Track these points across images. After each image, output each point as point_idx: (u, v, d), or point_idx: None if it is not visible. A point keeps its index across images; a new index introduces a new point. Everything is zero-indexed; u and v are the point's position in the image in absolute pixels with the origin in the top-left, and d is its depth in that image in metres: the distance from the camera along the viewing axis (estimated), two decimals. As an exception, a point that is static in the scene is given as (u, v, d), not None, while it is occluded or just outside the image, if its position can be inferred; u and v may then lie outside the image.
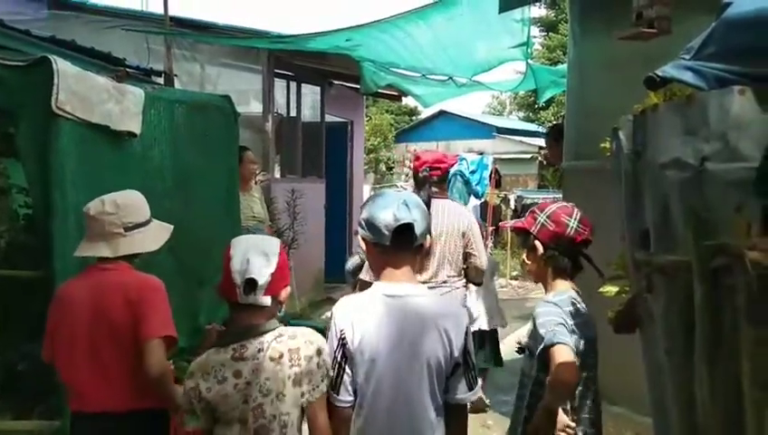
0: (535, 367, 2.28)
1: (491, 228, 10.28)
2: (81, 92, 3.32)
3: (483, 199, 11.03)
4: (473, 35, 6.19)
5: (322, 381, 2.04)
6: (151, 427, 2.45)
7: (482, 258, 3.83)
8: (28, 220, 3.60)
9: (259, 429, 2.00)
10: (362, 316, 2.01)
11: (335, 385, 2.01)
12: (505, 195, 12.80)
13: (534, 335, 2.27)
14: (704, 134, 1.34)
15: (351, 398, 2.01)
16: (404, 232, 2.01)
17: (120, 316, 2.36)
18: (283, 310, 2.20)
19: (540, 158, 20.66)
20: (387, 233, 2.00)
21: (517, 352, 2.66)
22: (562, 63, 11.97)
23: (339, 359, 2.01)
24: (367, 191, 11.39)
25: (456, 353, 2.03)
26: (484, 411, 5.09)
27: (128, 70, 4.90)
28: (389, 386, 1.99)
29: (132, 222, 2.51)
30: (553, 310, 2.23)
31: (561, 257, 2.34)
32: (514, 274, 11.46)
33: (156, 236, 2.62)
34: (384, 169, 23.83)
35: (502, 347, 5.43)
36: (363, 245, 2.13)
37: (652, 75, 1.60)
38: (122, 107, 3.63)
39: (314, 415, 2.04)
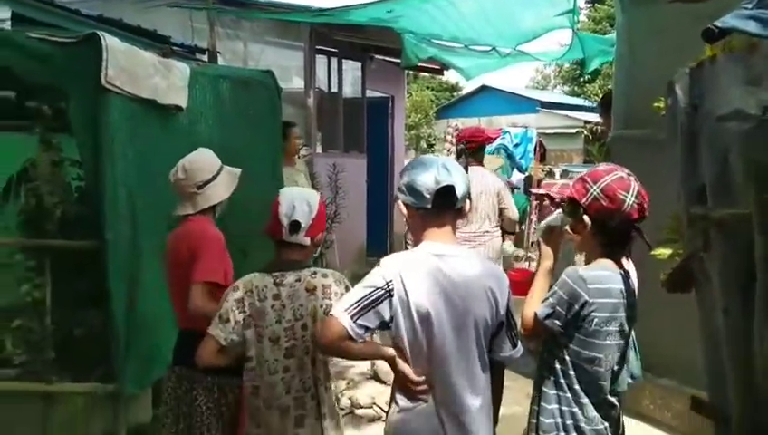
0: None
1: (535, 202, 10.12)
2: (129, 68, 3.37)
3: (527, 173, 10.88)
4: (517, 3, 6.04)
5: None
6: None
7: (513, 210, 4.62)
8: (81, 193, 3.69)
9: (291, 348, 2.34)
10: (412, 273, 2.01)
11: (355, 313, 1.98)
12: (550, 169, 12.56)
13: None
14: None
15: (364, 332, 2.00)
16: (445, 194, 2.02)
17: (182, 257, 2.74)
18: (328, 246, 2.45)
19: (585, 132, 20.20)
20: (428, 196, 2.02)
21: None
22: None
23: (376, 299, 1.98)
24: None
25: (502, 312, 2.07)
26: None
27: (173, 47, 4.97)
28: (444, 343, 2.00)
29: (202, 180, 2.84)
30: (570, 285, 2.08)
31: (612, 234, 2.11)
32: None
33: (226, 184, 2.95)
34: (425, 145, 23.67)
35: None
36: (404, 210, 2.12)
37: (711, 27, 1.53)
38: (169, 82, 3.68)
39: (320, 326, 2.23)
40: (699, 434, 3.45)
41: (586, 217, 2.12)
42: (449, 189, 2.01)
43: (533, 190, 2.22)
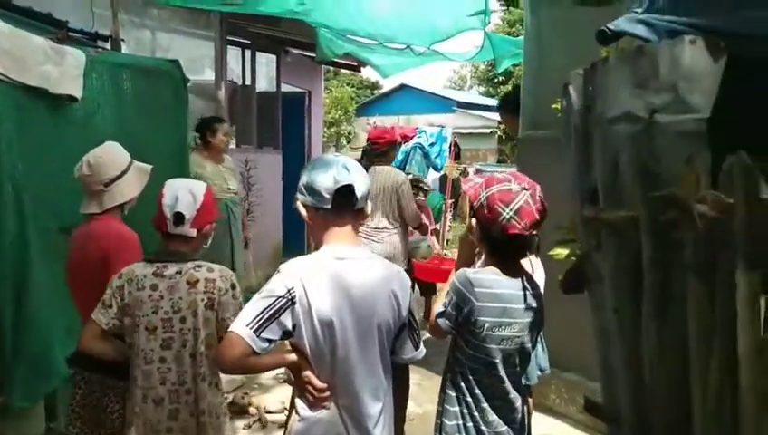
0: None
1: (450, 201, 10.27)
2: (15, 52, 3.14)
3: (442, 172, 11.02)
4: (431, 3, 6.08)
5: (234, 315, 2.22)
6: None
7: (408, 206, 4.57)
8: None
9: (167, 340, 2.36)
10: (314, 278, 1.95)
11: (257, 327, 1.89)
12: (465, 168, 12.81)
13: None
14: (654, 86, 1.30)
15: (268, 345, 1.92)
16: (345, 193, 1.99)
17: (92, 258, 2.62)
18: (208, 242, 2.56)
19: (499, 132, 20.77)
20: (327, 196, 1.98)
21: None
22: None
23: (278, 309, 1.90)
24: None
25: (404, 314, 2.05)
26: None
27: (69, 33, 4.66)
28: (348, 349, 1.97)
29: (108, 177, 2.71)
30: (459, 288, 2.09)
31: (495, 242, 2.10)
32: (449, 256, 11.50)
33: (135, 182, 2.81)
34: (345, 142, 23.63)
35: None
36: (304, 211, 2.06)
37: (604, 29, 1.56)
38: (62, 69, 3.46)
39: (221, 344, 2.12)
40: (604, 428, 3.57)
41: (473, 221, 2.16)
42: (349, 189, 1.98)
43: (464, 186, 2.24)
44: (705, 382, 1.17)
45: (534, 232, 2.05)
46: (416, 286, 5.86)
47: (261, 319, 1.88)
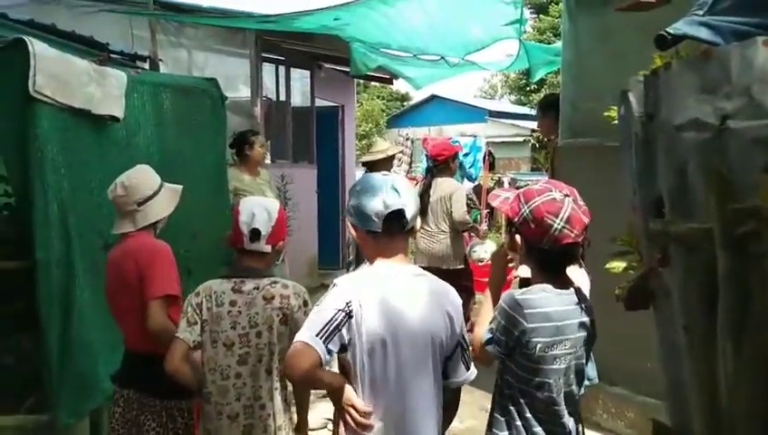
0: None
1: (485, 211, 10.16)
2: (61, 76, 3.19)
3: (476, 182, 10.92)
4: (465, 14, 6.04)
5: None
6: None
7: (457, 211, 5.28)
8: (10, 210, 3.46)
9: (244, 355, 2.39)
10: (369, 292, 1.94)
11: (325, 337, 1.88)
12: (499, 177, 12.66)
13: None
14: (725, 91, 1.23)
15: (330, 358, 1.92)
16: (395, 218, 1.97)
17: (130, 276, 2.66)
18: (281, 258, 2.69)
19: (532, 141, 20.56)
20: (377, 220, 1.96)
21: None
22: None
23: (340, 322, 1.89)
24: (359, 177, 11.23)
25: (458, 331, 2.03)
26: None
27: (111, 54, 4.76)
28: (401, 366, 1.94)
29: (142, 197, 2.76)
30: (508, 312, 1.96)
31: (544, 255, 1.99)
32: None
33: (167, 201, 2.88)
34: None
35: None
36: (353, 231, 2.06)
37: (663, 33, 1.50)
38: (104, 90, 3.50)
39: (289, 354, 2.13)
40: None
41: (518, 237, 2.03)
42: (400, 213, 1.97)
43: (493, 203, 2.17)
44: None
45: (584, 238, 1.95)
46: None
47: (327, 330, 1.87)
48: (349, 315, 1.89)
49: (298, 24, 5.36)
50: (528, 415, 1.99)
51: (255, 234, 2.42)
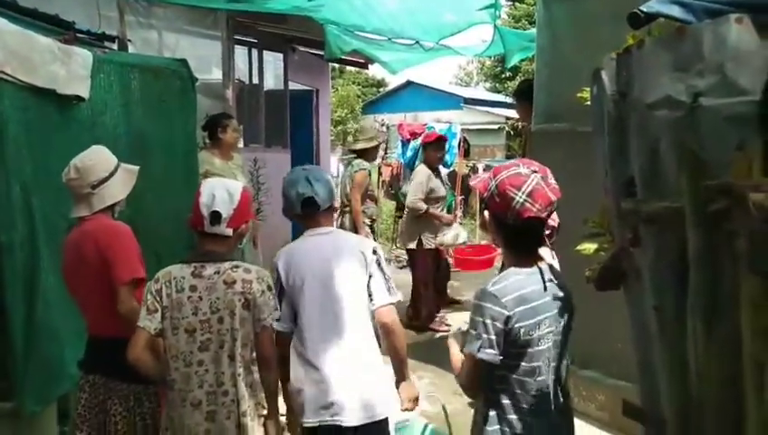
0: None
1: (460, 197, 10.18)
2: (22, 53, 3.08)
3: (451, 169, 10.92)
4: (440, -2, 6.00)
5: (269, 315, 2.41)
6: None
7: (409, 197, 6.24)
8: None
9: (205, 341, 2.35)
10: (292, 254, 2.66)
11: (279, 315, 2.50)
12: (474, 164, 12.70)
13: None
14: (697, 68, 1.22)
15: (289, 325, 2.59)
16: (308, 203, 2.63)
17: (90, 257, 2.61)
18: (254, 243, 2.83)
19: (507, 128, 20.64)
20: (297, 205, 2.65)
21: None
22: (529, 31, 11.76)
23: (277, 293, 2.53)
24: (334, 163, 11.19)
25: (366, 267, 2.60)
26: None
27: (77, 33, 4.61)
28: (314, 296, 2.56)
29: (96, 180, 2.70)
30: (485, 306, 1.95)
31: (510, 231, 2.02)
32: (484, 243, 11.42)
33: (123, 183, 2.80)
34: (351, 140, 23.58)
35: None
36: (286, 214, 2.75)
37: (636, 11, 1.48)
38: (69, 69, 3.40)
39: (260, 344, 2.42)
40: (623, 426, 3.49)
41: (486, 213, 2.08)
42: (311, 200, 2.63)
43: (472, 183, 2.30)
44: (761, 387, 1.09)
45: (549, 215, 1.96)
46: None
47: (277, 301, 2.52)
48: (279, 280, 2.58)
49: (270, 4, 5.26)
50: (523, 406, 1.98)
51: (216, 216, 2.36)
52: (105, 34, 5.29)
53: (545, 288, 1.99)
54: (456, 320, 6.57)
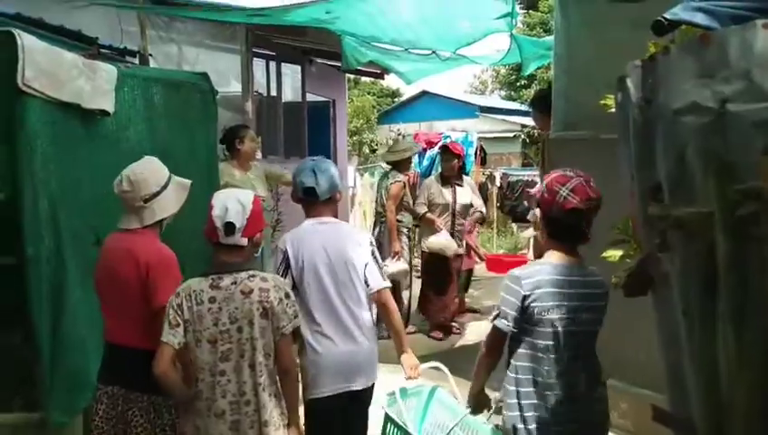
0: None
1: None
2: (50, 69, 3.15)
3: (469, 177, 10.92)
4: (456, 8, 6.02)
5: (289, 323, 2.44)
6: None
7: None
8: (-1, 206, 3.41)
9: (226, 351, 2.38)
10: (300, 238, 2.97)
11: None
12: (491, 172, 12.69)
13: None
14: (724, 75, 1.23)
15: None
16: (308, 192, 2.98)
17: (131, 276, 2.63)
18: (259, 251, 3.05)
19: (523, 136, 20.57)
20: (300, 192, 3.03)
21: None
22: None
23: (283, 270, 2.91)
24: (351, 173, 11.22)
25: (360, 255, 2.96)
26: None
27: (100, 49, 4.71)
28: (320, 275, 2.89)
29: (149, 193, 2.69)
30: (508, 285, 2.34)
31: (554, 225, 2.36)
32: (501, 252, 11.39)
33: (174, 198, 2.83)
34: (368, 151, 23.60)
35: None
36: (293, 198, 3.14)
37: (660, 19, 1.49)
38: (94, 84, 3.46)
39: (280, 353, 2.45)
40: (645, 434, 3.45)
41: (537, 211, 2.42)
42: (311, 189, 2.97)
43: (530, 191, 2.61)
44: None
45: (589, 209, 2.25)
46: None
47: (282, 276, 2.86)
48: (286, 256, 2.91)
49: (288, 17, 5.31)
50: (538, 379, 2.29)
51: (230, 227, 2.38)
52: (127, 49, 5.40)
53: (573, 281, 2.29)
54: (473, 329, 6.54)
